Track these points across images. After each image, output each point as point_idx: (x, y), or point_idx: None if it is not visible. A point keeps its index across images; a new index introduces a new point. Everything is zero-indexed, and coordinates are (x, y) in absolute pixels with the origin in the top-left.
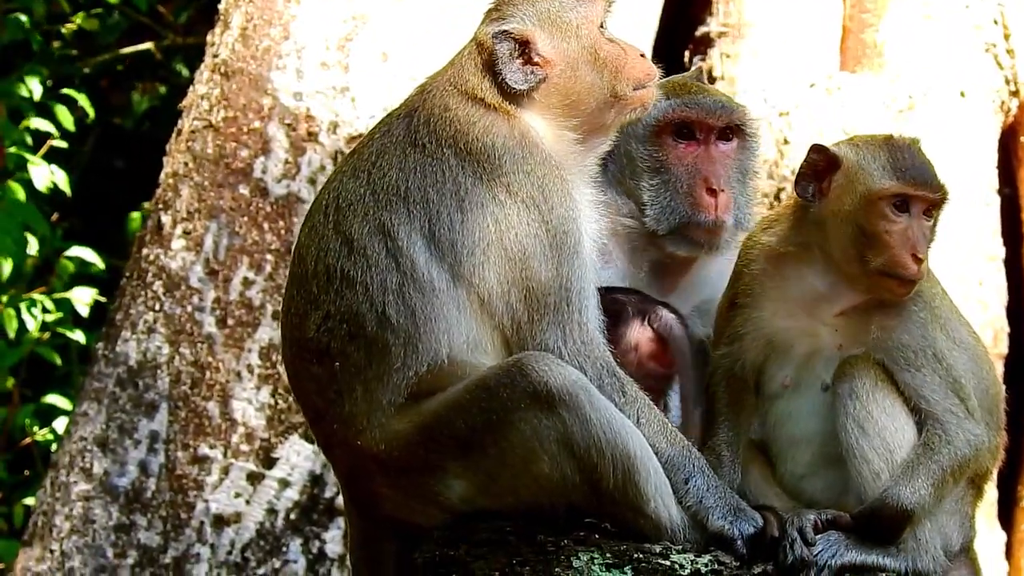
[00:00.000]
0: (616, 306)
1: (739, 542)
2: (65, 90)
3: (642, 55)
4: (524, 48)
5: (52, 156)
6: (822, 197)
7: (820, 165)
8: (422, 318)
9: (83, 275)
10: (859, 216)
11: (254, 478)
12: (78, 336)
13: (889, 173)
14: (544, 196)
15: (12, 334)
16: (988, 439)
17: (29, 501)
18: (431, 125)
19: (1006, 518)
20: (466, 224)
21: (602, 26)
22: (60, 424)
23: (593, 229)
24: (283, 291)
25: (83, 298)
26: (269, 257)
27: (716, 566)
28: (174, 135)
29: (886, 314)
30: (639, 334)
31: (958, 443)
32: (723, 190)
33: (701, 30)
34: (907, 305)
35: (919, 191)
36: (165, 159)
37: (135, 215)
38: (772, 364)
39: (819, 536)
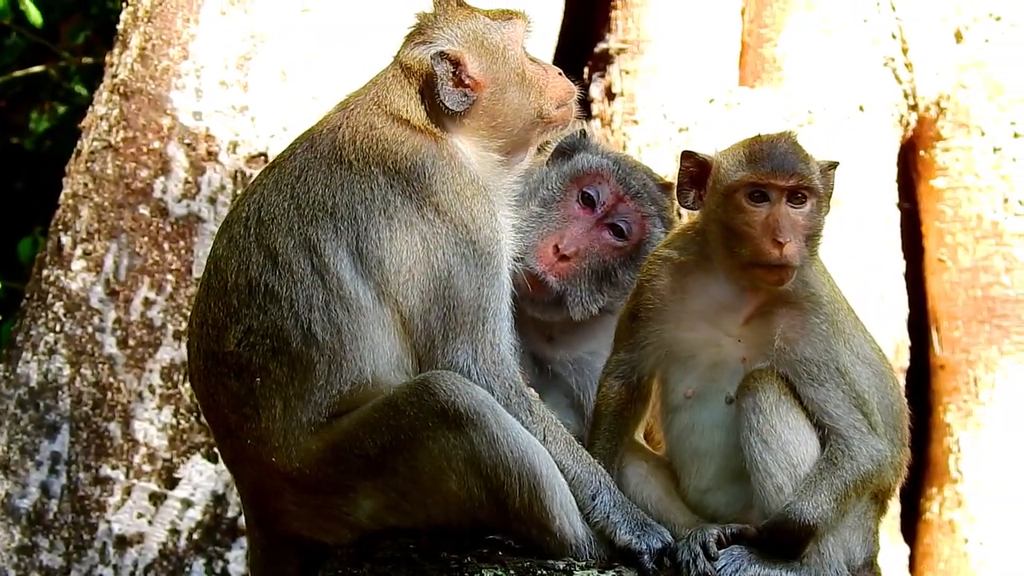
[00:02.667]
0: None
1: (646, 556)
2: None
3: (560, 73)
4: (456, 70)
5: None
6: (702, 203)
7: (693, 171)
8: (348, 336)
9: None
10: (720, 212)
11: (156, 498)
12: None
13: (742, 166)
14: (472, 216)
15: None
16: (891, 455)
17: None
18: (357, 143)
19: (909, 532)
20: (394, 242)
21: (523, 47)
22: None
23: (511, 251)
24: (184, 310)
25: None
26: (170, 277)
27: None
28: (74, 156)
29: (789, 327)
30: None
31: (861, 459)
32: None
33: (600, 47)
34: (810, 319)
35: (767, 179)
36: (65, 180)
37: (27, 240)
38: (674, 374)
39: (722, 551)
